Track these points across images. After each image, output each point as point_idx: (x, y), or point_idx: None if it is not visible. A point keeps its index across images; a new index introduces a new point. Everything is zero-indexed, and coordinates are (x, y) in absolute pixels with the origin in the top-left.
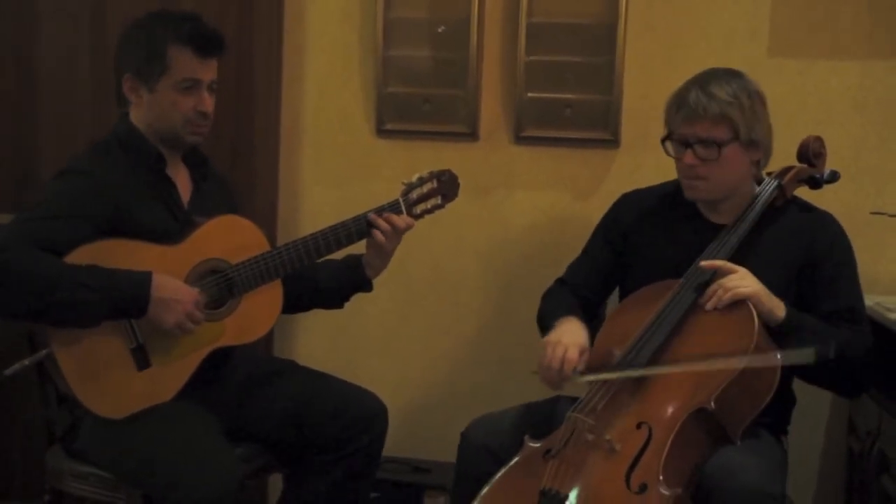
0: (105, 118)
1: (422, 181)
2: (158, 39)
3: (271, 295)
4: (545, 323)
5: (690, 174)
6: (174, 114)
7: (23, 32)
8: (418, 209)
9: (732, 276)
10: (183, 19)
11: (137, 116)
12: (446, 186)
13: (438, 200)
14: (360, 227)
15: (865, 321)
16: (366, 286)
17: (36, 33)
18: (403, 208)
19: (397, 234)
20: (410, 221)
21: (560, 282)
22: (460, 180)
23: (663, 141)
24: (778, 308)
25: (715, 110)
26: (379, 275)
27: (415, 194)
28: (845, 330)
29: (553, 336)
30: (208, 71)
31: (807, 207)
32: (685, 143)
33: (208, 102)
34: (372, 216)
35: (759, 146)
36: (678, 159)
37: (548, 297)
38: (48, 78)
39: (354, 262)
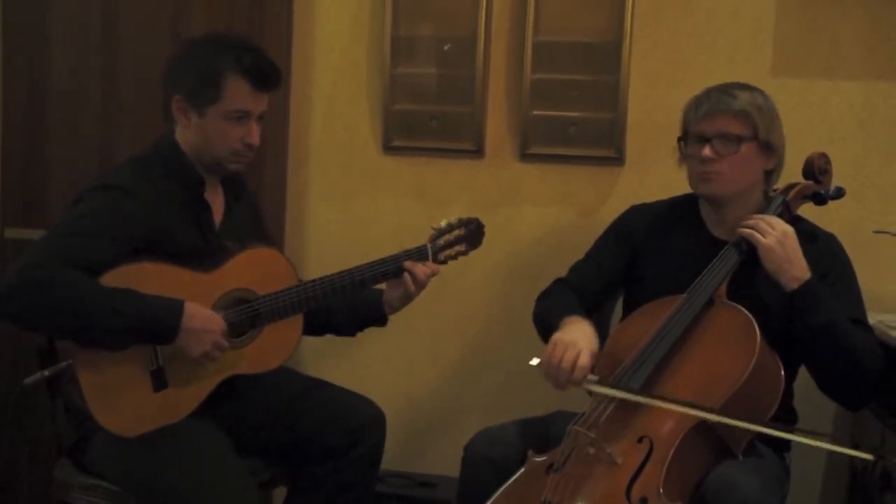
0: (113, 134)
1: (451, 227)
2: (216, 66)
3: (291, 329)
4: (549, 320)
5: (706, 168)
6: (221, 142)
7: (34, 49)
8: (443, 255)
9: (766, 227)
10: (245, 50)
11: (184, 137)
12: (472, 235)
13: (463, 248)
14: (386, 271)
15: (871, 332)
16: (381, 322)
17: (47, 50)
18: (430, 254)
19: (425, 281)
20: (436, 269)
21: (560, 281)
22: (467, 197)
23: (680, 140)
24: (793, 280)
25: (736, 106)
26: (396, 313)
27: (442, 241)
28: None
29: (566, 335)
30: (260, 103)
31: (812, 236)
32: (704, 139)
33: (256, 134)
34: (408, 264)
35: (774, 152)
36: (693, 156)
37: (548, 295)
38: (59, 94)
39: (374, 298)
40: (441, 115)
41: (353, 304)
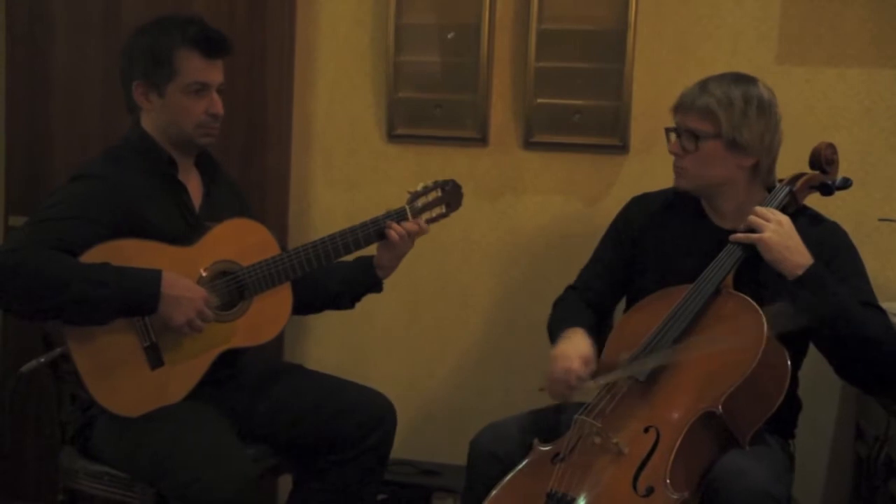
0: (115, 122)
1: (426, 190)
2: (165, 44)
3: (281, 298)
4: (553, 334)
5: (675, 162)
6: (186, 117)
7: (37, 38)
8: (424, 217)
9: (760, 221)
10: (188, 23)
11: (149, 122)
12: (450, 196)
13: (443, 209)
14: (368, 233)
15: (884, 313)
16: (377, 287)
17: (50, 39)
18: (409, 216)
19: (411, 237)
20: (424, 227)
21: (571, 289)
22: (470, 185)
23: (666, 131)
24: (796, 267)
25: (701, 104)
26: (389, 276)
27: (420, 203)
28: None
29: (556, 350)
30: (216, 72)
31: (816, 220)
32: (676, 133)
33: (219, 104)
34: (390, 222)
35: (745, 150)
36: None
37: (558, 305)
38: (62, 83)
39: (366, 263)
40: (445, 103)
41: (345, 274)
